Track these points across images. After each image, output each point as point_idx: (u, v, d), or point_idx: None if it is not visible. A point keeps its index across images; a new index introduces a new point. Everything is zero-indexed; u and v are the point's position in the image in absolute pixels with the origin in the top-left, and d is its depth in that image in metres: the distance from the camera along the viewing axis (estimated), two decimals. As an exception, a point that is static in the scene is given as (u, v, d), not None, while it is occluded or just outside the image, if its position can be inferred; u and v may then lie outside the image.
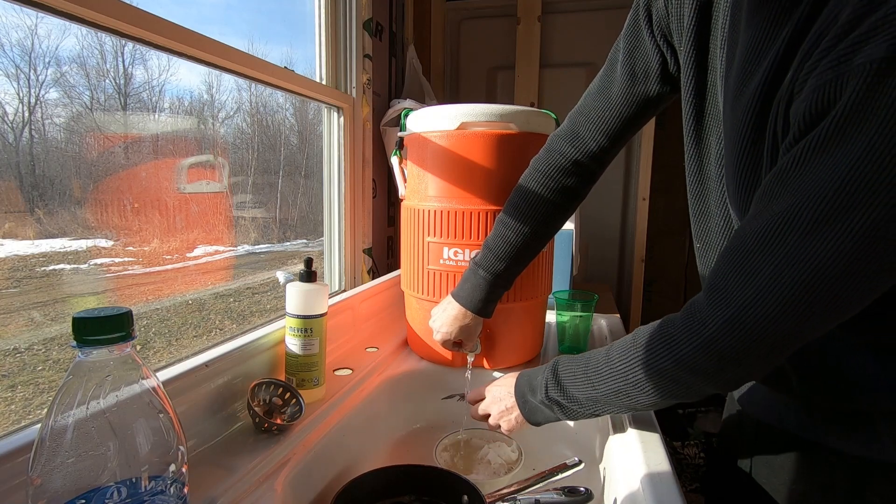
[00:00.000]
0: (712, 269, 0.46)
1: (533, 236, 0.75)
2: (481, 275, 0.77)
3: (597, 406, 0.57)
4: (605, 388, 0.54)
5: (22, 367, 0.68)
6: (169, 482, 0.39)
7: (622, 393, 0.53)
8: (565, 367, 0.60)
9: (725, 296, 0.43)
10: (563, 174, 0.73)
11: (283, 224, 1.22)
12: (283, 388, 0.71)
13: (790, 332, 0.41)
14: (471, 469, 0.77)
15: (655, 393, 0.50)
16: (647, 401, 0.52)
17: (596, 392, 0.55)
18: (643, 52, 0.62)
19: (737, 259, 0.43)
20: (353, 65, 1.27)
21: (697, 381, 0.47)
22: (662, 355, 0.48)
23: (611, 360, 0.54)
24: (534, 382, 0.63)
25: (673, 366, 0.47)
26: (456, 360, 0.94)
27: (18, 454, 0.43)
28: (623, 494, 0.55)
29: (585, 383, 0.56)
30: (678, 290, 2.05)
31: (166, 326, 0.91)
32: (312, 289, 0.73)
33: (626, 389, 0.52)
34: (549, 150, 0.75)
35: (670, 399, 0.51)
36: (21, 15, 0.62)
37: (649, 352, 0.49)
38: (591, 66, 1.74)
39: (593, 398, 0.56)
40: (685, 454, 1.77)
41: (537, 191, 0.74)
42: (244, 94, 1.09)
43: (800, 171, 0.38)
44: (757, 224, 0.41)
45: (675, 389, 0.49)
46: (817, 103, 0.36)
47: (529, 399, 0.64)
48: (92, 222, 0.75)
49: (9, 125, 0.66)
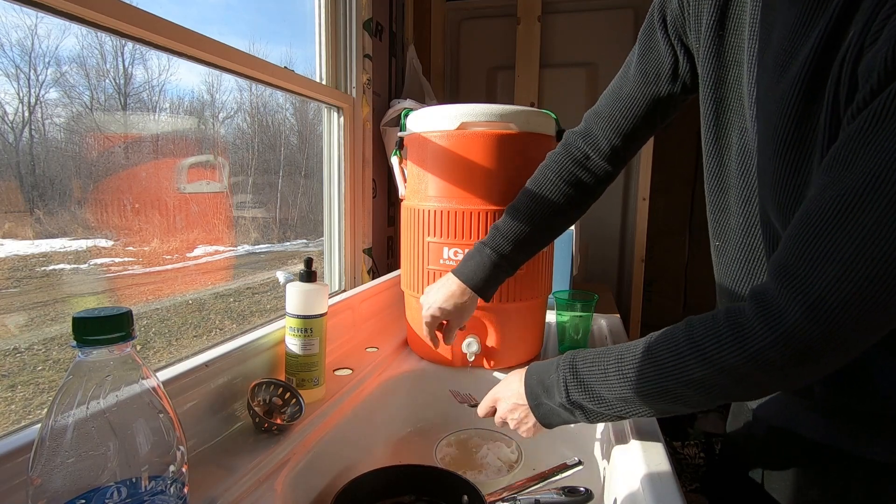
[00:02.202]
0: (779, 253, 0.41)
1: (543, 226, 0.74)
2: (487, 253, 0.74)
3: (629, 407, 0.51)
4: (646, 387, 0.48)
5: (22, 367, 0.68)
6: (169, 482, 0.39)
7: (669, 393, 0.47)
8: (588, 364, 0.54)
9: (802, 280, 0.38)
10: (577, 166, 0.73)
11: (283, 224, 1.22)
12: (283, 388, 0.71)
13: (879, 314, 0.37)
14: (471, 469, 0.77)
15: (712, 393, 0.45)
16: (697, 401, 0.47)
17: (632, 391, 0.49)
18: (656, 53, 0.63)
19: (810, 238, 0.38)
20: (353, 65, 1.27)
21: (767, 380, 0.42)
22: (730, 351, 0.42)
23: (655, 356, 0.48)
24: (547, 382, 0.58)
25: (744, 362, 0.42)
26: (456, 360, 0.94)
27: (18, 454, 0.43)
28: (623, 494, 0.55)
29: (620, 381, 0.50)
30: (678, 290, 2.05)
31: (166, 326, 0.91)
32: (312, 289, 0.73)
33: (676, 389, 0.46)
34: (565, 144, 0.75)
35: (724, 400, 0.47)
36: (21, 15, 0.62)
37: (714, 347, 0.43)
38: (591, 66, 1.74)
39: (627, 398, 0.51)
40: (685, 454, 1.77)
41: (552, 179, 0.74)
42: (244, 94, 1.09)
43: (881, 129, 0.34)
44: (830, 196, 0.37)
45: (737, 389, 0.44)
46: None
47: (544, 402, 0.58)
48: (92, 222, 0.75)
49: (9, 125, 0.66)
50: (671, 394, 0.47)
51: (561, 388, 0.56)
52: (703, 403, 0.47)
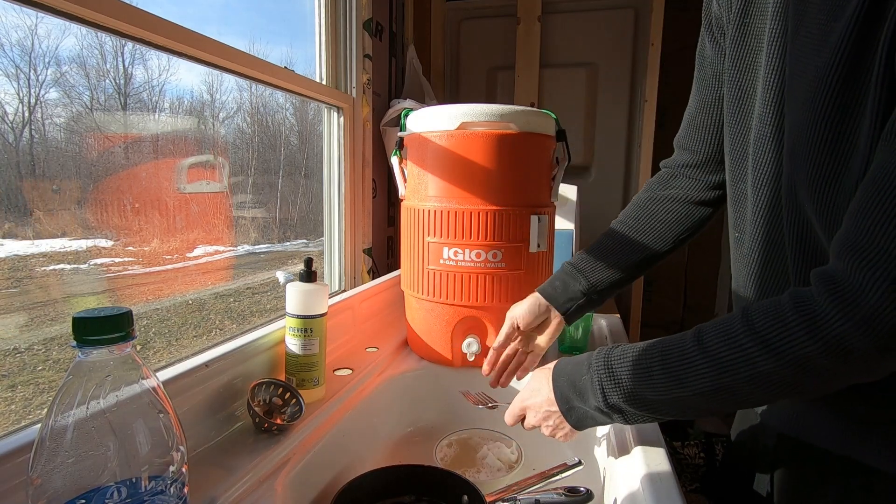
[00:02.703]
0: (846, 231, 0.38)
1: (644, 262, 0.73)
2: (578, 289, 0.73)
3: (676, 408, 0.48)
4: (700, 386, 0.44)
5: (22, 367, 0.68)
6: (169, 482, 0.39)
7: (726, 391, 0.43)
8: (627, 364, 0.50)
9: (879, 256, 0.35)
10: (683, 187, 0.72)
11: (283, 224, 1.22)
12: (283, 388, 0.71)
13: None
14: (471, 469, 0.77)
15: (778, 388, 0.41)
16: (758, 398, 0.43)
17: (683, 391, 0.45)
18: (709, 56, 0.64)
19: (885, 210, 0.35)
20: (353, 65, 1.27)
21: (846, 370, 0.39)
22: (803, 341, 0.38)
23: (710, 352, 0.44)
24: (579, 384, 0.54)
25: (819, 353, 0.38)
26: (456, 360, 0.94)
27: (18, 454, 0.43)
28: (623, 494, 0.55)
29: (667, 381, 0.46)
30: (678, 290, 2.05)
31: (166, 326, 0.91)
32: (312, 289, 0.73)
33: (736, 386, 0.42)
34: (665, 166, 0.75)
35: (790, 396, 0.43)
36: (21, 15, 0.62)
37: (783, 337, 0.40)
38: (592, 66, 1.74)
39: (675, 399, 0.46)
40: (685, 454, 1.77)
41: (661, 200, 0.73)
42: (244, 94, 1.09)
43: None
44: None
45: (811, 383, 0.41)
46: None
47: (577, 406, 0.55)
48: (92, 222, 0.75)
49: (9, 125, 0.66)
50: (729, 392, 0.43)
51: (597, 391, 0.51)
52: (764, 400, 0.44)
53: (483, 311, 0.91)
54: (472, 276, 0.89)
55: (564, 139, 0.93)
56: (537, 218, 0.90)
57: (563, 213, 1.30)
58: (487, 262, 0.88)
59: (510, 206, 0.88)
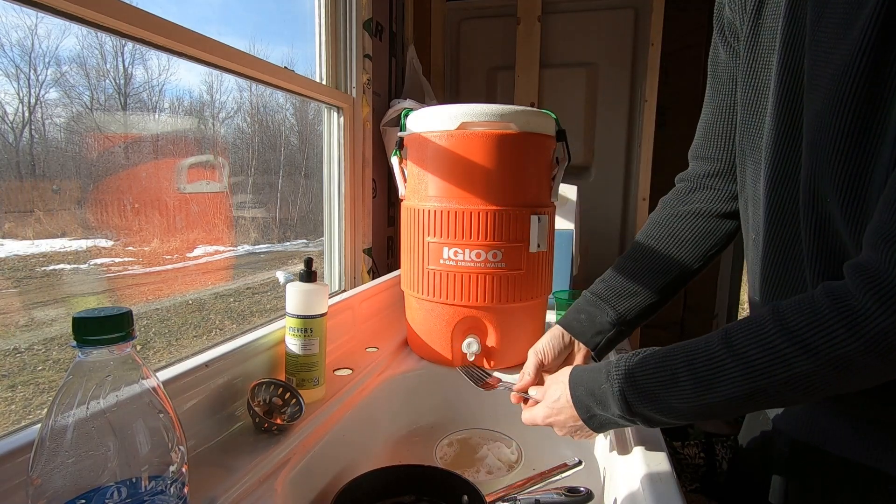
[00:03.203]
0: (880, 220, 0.37)
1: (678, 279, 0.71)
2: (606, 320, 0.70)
3: (704, 413, 0.45)
4: (731, 391, 0.42)
5: (22, 367, 0.68)
6: (169, 482, 0.39)
7: (760, 393, 0.41)
8: (650, 372, 0.48)
9: None
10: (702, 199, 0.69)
11: (283, 224, 1.22)
12: (283, 388, 0.71)
13: None
14: (471, 469, 0.77)
15: (817, 388, 0.39)
16: (794, 399, 0.42)
17: (713, 397, 0.43)
18: (722, 62, 0.63)
19: None
20: (353, 65, 1.27)
21: (888, 369, 0.37)
22: (842, 339, 0.37)
23: (741, 355, 0.42)
24: (598, 393, 0.53)
25: (861, 351, 0.36)
26: (456, 360, 0.94)
27: (18, 454, 0.43)
28: (623, 494, 0.55)
29: (695, 387, 0.44)
30: (678, 290, 2.05)
31: (166, 326, 0.91)
32: (312, 289, 0.73)
33: (771, 389, 0.40)
34: (681, 180, 0.73)
35: (829, 394, 0.41)
36: (21, 15, 0.62)
37: (820, 336, 0.38)
38: (592, 66, 1.74)
39: (704, 405, 0.44)
40: (685, 454, 1.76)
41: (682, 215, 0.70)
42: (244, 94, 1.09)
43: None
44: None
45: (852, 382, 0.39)
46: None
47: (598, 414, 0.54)
48: (92, 222, 0.75)
49: (9, 125, 0.66)
50: (764, 395, 0.41)
51: (618, 400, 0.50)
52: (801, 402, 0.42)
53: (483, 311, 0.91)
54: (472, 276, 0.89)
55: (564, 139, 0.93)
56: (537, 218, 0.90)
57: (563, 213, 1.30)
58: (487, 262, 0.88)
59: (510, 206, 0.88)
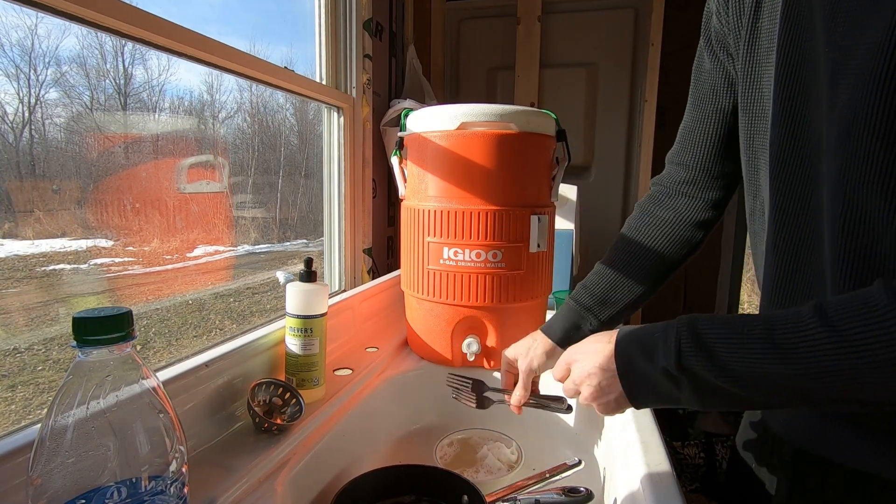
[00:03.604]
0: None
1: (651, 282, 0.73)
2: (591, 323, 0.74)
3: (762, 388, 0.40)
4: (810, 363, 0.36)
5: (22, 367, 0.68)
6: (169, 482, 0.39)
7: (847, 374, 0.35)
8: (716, 328, 0.42)
9: None
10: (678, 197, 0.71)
11: (283, 224, 1.22)
12: (283, 388, 0.71)
13: None
14: (471, 469, 0.77)
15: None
16: (885, 394, 0.35)
17: (785, 368, 0.37)
18: (705, 69, 0.63)
19: None
20: (353, 65, 1.27)
21: None
22: None
23: (836, 327, 0.36)
24: (648, 341, 0.46)
25: None
26: (456, 360, 0.94)
27: (18, 454, 0.43)
28: (623, 494, 0.55)
29: (768, 353, 0.38)
30: (677, 290, 2.05)
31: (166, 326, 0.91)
32: (312, 289, 0.73)
33: (865, 371, 0.34)
34: (656, 184, 0.74)
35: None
36: (21, 15, 0.62)
37: None
38: (591, 66, 1.74)
39: (766, 376, 0.38)
40: (685, 454, 1.76)
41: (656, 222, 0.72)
42: (244, 94, 1.09)
43: None
44: None
45: None
46: None
47: (640, 366, 0.46)
48: (92, 222, 0.75)
49: (9, 125, 0.66)
50: (850, 377, 0.35)
51: (671, 349, 0.43)
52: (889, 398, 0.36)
53: (483, 311, 0.91)
54: (472, 276, 0.89)
55: (564, 139, 0.93)
56: (537, 218, 0.90)
57: (563, 213, 1.30)
58: (487, 262, 0.88)
59: (510, 206, 0.88)
